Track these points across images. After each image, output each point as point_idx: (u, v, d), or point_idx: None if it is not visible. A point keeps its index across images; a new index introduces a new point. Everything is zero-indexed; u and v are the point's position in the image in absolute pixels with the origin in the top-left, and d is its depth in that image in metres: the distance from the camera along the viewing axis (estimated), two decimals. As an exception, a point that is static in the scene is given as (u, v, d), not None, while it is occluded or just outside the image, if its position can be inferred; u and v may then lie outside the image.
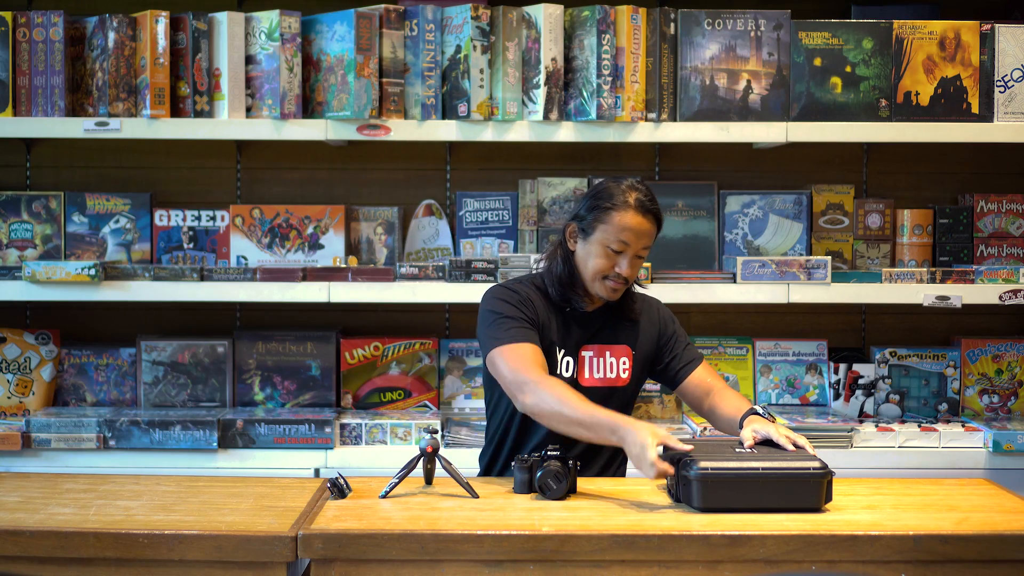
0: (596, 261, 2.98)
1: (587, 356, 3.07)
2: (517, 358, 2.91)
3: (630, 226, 2.96)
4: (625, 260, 2.97)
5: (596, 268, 2.99)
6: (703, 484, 2.61)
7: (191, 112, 3.72)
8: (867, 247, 3.99)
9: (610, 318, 3.10)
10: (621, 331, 3.10)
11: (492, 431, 3.16)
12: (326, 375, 3.96)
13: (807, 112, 3.73)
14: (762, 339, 4.04)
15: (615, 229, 2.96)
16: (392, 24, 3.70)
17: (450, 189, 4.10)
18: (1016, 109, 3.74)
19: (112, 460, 3.67)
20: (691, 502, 2.63)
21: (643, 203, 2.97)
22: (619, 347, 3.09)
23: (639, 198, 2.97)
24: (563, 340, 3.06)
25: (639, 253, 2.99)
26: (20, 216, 3.95)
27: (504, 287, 3.07)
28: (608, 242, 2.97)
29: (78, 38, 3.74)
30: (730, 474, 2.61)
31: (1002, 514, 2.64)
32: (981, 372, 3.99)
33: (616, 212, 2.96)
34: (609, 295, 3.02)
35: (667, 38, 3.73)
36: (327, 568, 2.48)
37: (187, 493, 2.81)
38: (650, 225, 2.99)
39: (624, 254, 2.98)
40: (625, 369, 3.09)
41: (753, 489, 2.62)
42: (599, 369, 3.07)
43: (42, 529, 2.51)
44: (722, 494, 2.61)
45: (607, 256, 2.98)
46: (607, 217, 2.97)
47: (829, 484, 2.65)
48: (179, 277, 3.74)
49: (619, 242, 2.96)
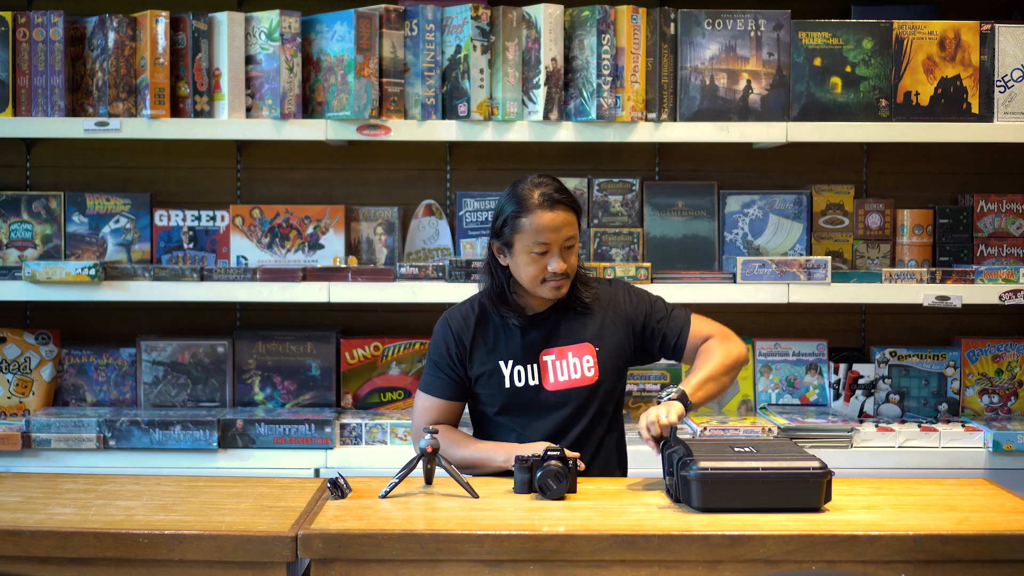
0: (527, 269, 2.98)
1: (549, 360, 3.07)
2: (421, 409, 3.12)
3: (544, 225, 2.95)
4: (554, 258, 2.96)
5: (530, 274, 2.99)
6: (703, 484, 2.61)
7: (191, 112, 3.72)
8: (867, 247, 3.99)
9: (565, 314, 3.09)
10: (578, 328, 3.08)
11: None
12: (326, 375, 3.96)
13: (807, 112, 3.73)
14: (762, 339, 4.04)
15: (531, 233, 2.95)
16: (392, 24, 3.70)
17: (450, 189, 4.10)
18: (1016, 109, 3.74)
19: (112, 460, 3.67)
20: (691, 502, 2.63)
21: (549, 197, 2.96)
22: (580, 346, 3.07)
23: (543, 193, 2.96)
24: (519, 350, 3.06)
25: (565, 245, 2.98)
26: (20, 216, 3.95)
27: (442, 321, 3.14)
28: (530, 248, 2.96)
29: (78, 38, 3.74)
30: (730, 474, 2.61)
31: (1002, 514, 2.64)
32: (981, 372, 3.99)
33: (525, 217, 2.95)
34: (554, 294, 3.02)
35: (667, 38, 3.73)
36: (327, 568, 2.48)
37: (187, 493, 2.81)
38: (565, 215, 2.97)
39: (550, 252, 2.97)
40: (590, 367, 3.06)
41: (752, 489, 2.62)
42: (563, 371, 3.06)
43: (42, 529, 2.51)
44: (722, 494, 2.61)
45: (535, 260, 2.97)
46: (519, 225, 2.96)
47: (828, 484, 2.65)
48: (179, 277, 3.74)
49: (539, 244, 2.95)
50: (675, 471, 2.68)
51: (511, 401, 3.05)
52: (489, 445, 3.03)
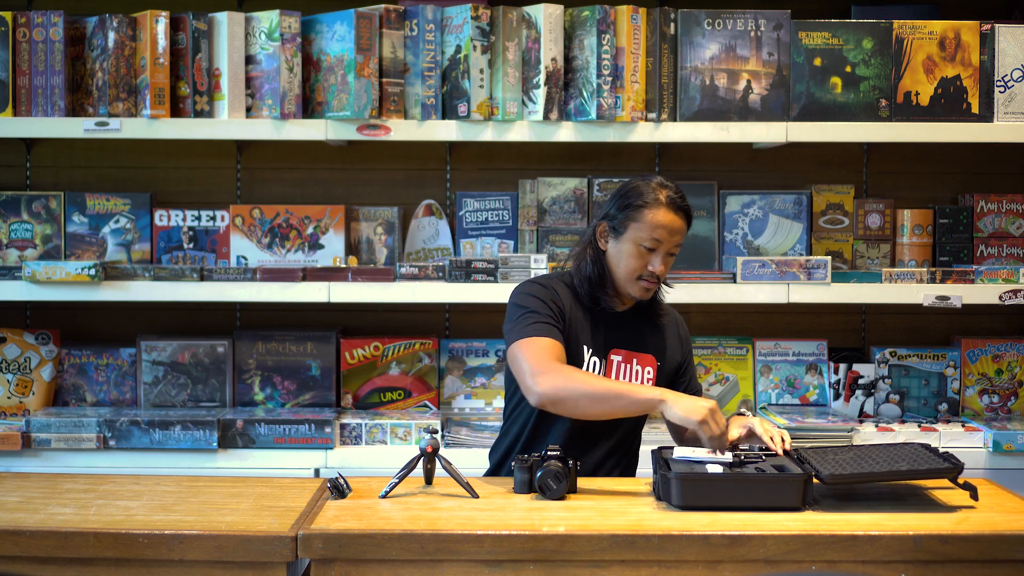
0: (629, 260, 2.98)
1: (616, 360, 3.05)
2: (536, 351, 2.88)
3: (663, 223, 2.96)
4: (658, 258, 2.98)
5: (629, 267, 2.99)
6: (682, 483, 2.63)
7: (191, 112, 3.72)
8: (867, 247, 3.99)
9: (638, 321, 3.10)
10: (648, 338, 3.10)
11: (509, 429, 3.12)
12: (326, 375, 3.96)
13: (807, 112, 3.73)
14: (762, 339, 4.04)
15: (648, 227, 2.96)
16: (392, 24, 3.70)
17: (450, 189, 4.10)
18: (1016, 109, 3.74)
19: (112, 460, 3.67)
20: (671, 500, 2.66)
21: (674, 200, 2.97)
22: (646, 356, 3.08)
23: (670, 195, 2.98)
24: (591, 340, 3.04)
25: (671, 251, 2.99)
26: (20, 216, 3.95)
27: (533, 282, 3.07)
28: (641, 240, 2.97)
29: (78, 38, 3.74)
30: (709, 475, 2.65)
31: (1002, 514, 2.64)
32: (981, 372, 3.99)
33: (648, 210, 2.96)
34: (642, 294, 3.02)
35: (667, 38, 3.73)
36: (327, 568, 2.48)
37: (187, 493, 2.81)
38: (682, 222, 2.99)
39: (657, 252, 2.97)
40: (649, 380, 3.07)
41: (731, 489, 2.65)
42: (625, 375, 3.06)
43: (42, 529, 2.51)
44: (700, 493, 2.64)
45: (640, 255, 2.97)
46: (639, 215, 2.97)
47: (808, 484, 2.65)
48: (179, 277, 3.74)
49: (652, 240, 2.96)
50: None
51: None
52: (625, 383, 2.96)
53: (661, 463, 2.76)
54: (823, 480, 2.66)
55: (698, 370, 3.99)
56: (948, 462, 2.72)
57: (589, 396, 2.80)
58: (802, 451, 2.87)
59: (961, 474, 2.70)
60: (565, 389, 2.80)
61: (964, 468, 2.71)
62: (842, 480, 2.67)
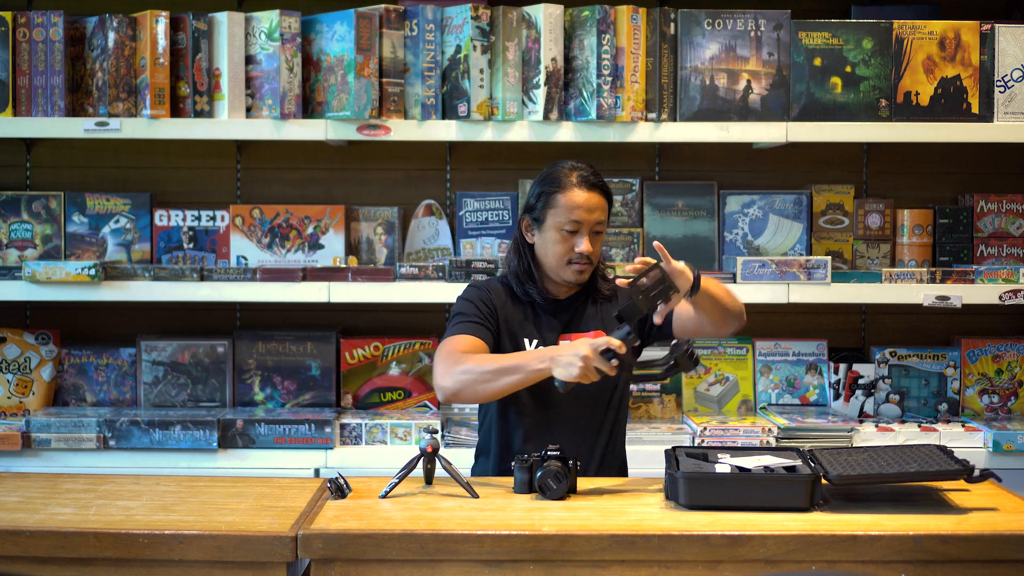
0: (555, 247, 3.03)
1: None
2: (445, 353, 2.93)
3: (578, 203, 3.00)
4: (582, 239, 3.01)
5: (557, 253, 3.03)
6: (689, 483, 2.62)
7: (191, 112, 3.72)
8: (867, 247, 3.99)
9: (583, 302, 3.12)
10: (595, 317, 3.11)
11: (481, 433, 3.20)
12: (326, 375, 3.96)
13: (807, 112, 3.73)
14: (762, 339, 4.04)
15: (565, 210, 3.01)
16: (392, 24, 3.70)
17: (450, 189, 4.10)
18: (1016, 109, 3.74)
19: (112, 460, 3.67)
20: (678, 499, 2.65)
21: (587, 178, 3.03)
22: (596, 333, 3.07)
23: (581, 174, 3.03)
24: (535, 331, 3.08)
25: (595, 229, 3.03)
26: (20, 216, 3.95)
27: (469, 286, 3.15)
28: (562, 225, 3.01)
29: (78, 38, 3.74)
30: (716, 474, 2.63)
31: (1002, 514, 2.64)
32: (981, 372, 3.99)
33: (561, 194, 3.02)
34: (576, 278, 3.05)
35: (667, 38, 3.73)
36: (327, 568, 2.48)
37: (187, 493, 2.81)
38: (599, 198, 3.03)
39: (580, 233, 3.01)
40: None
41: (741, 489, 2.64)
42: None
43: (42, 529, 2.51)
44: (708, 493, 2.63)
45: (564, 239, 3.02)
46: (554, 201, 3.02)
47: (814, 484, 2.65)
48: (179, 277, 3.74)
49: (571, 222, 3.00)
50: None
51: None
52: (520, 353, 2.93)
53: (671, 462, 2.76)
54: (831, 480, 2.66)
55: (698, 370, 3.99)
56: (959, 464, 2.71)
57: (484, 378, 2.83)
58: (816, 452, 2.86)
59: (971, 475, 2.68)
60: (463, 376, 2.84)
61: (974, 469, 2.69)
62: (850, 481, 2.66)
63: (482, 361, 2.88)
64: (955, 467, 2.69)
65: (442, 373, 2.90)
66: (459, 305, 3.10)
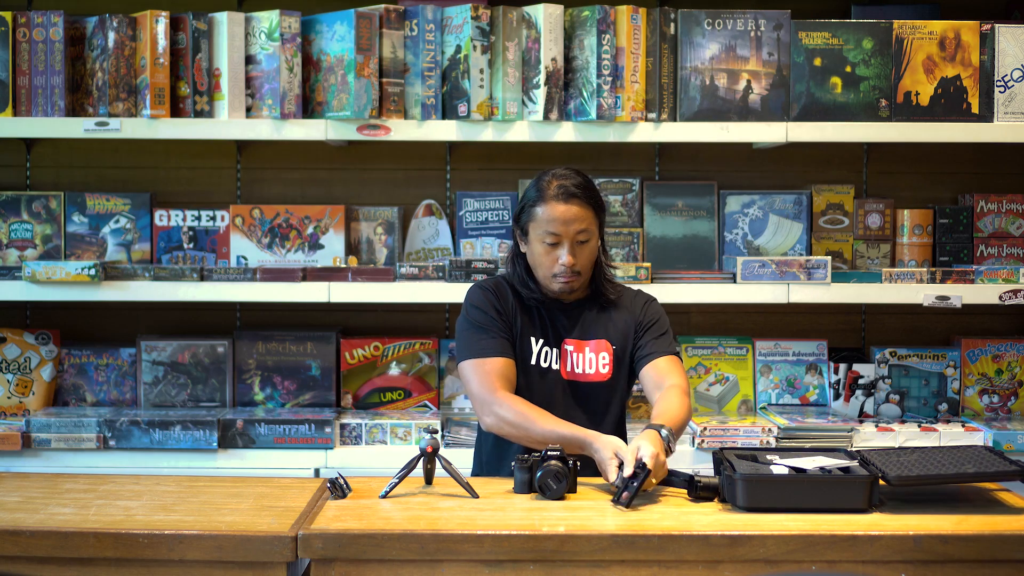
0: (540, 259, 3.01)
1: (569, 350, 3.07)
2: (482, 376, 2.96)
3: (555, 216, 2.95)
4: (564, 251, 2.97)
5: (543, 265, 3.01)
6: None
7: (191, 112, 3.72)
8: (867, 247, 3.99)
9: (590, 308, 3.10)
10: (600, 324, 3.09)
11: (481, 433, 3.18)
12: (326, 375, 3.96)
13: (807, 112, 3.73)
14: (762, 339, 4.04)
15: (543, 223, 2.97)
16: (392, 24, 3.70)
17: (450, 189, 4.10)
18: (1016, 109, 3.74)
19: (112, 460, 3.67)
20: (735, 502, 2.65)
21: (565, 189, 2.96)
22: (598, 341, 3.07)
23: (560, 185, 2.97)
24: (542, 332, 3.07)
25: (578, 239, 2.97)
26: (20, 216, 3.95)
27: (480, 287, 3.10)
28: (542, 238, 2.98)
29: (78, 38, 3.74)
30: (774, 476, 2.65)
31: (1002, 514, 2.64)
32: (981, 372, 3.99)
33: (539, 207, 2.98)
34: (563, 289, 3.01)
35: (667, 38, 3.73)
36: (327, 568, 2.48)
37: (187, 493, 2.80)
38: (578, 208, 2.96)
39: (561, 245, 2.97)
40: (605, 364, 3.06)
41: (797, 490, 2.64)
42: (579, 364, 3.06)
43: (42, 529, 2.51)
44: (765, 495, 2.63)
45: (547, 251, 2.99)
46: (533, 214, 2.99)
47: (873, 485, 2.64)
48: (179, 277, 3.74)
49: (551, 235, 2.96)
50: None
51: (530, 380, 3.04)
52: (579, 428, 2.88)
53: (725, 464, 2.73)
54: (889, 481, 2.64)
55: (698, 370, 3.99)
56: (1015, 464, 2.71)
57: (526, 438, 2.88)
58: (865, 453, 2.84)
59: None
60: (507, 428, 2.90)
61: None
62: (909, 482, 2.64)
63: (532, 419, 2.87)
64: (1012, 467, 2.69)
65: (481, 405, 2.94)
66: (473, 313, 3.04)
